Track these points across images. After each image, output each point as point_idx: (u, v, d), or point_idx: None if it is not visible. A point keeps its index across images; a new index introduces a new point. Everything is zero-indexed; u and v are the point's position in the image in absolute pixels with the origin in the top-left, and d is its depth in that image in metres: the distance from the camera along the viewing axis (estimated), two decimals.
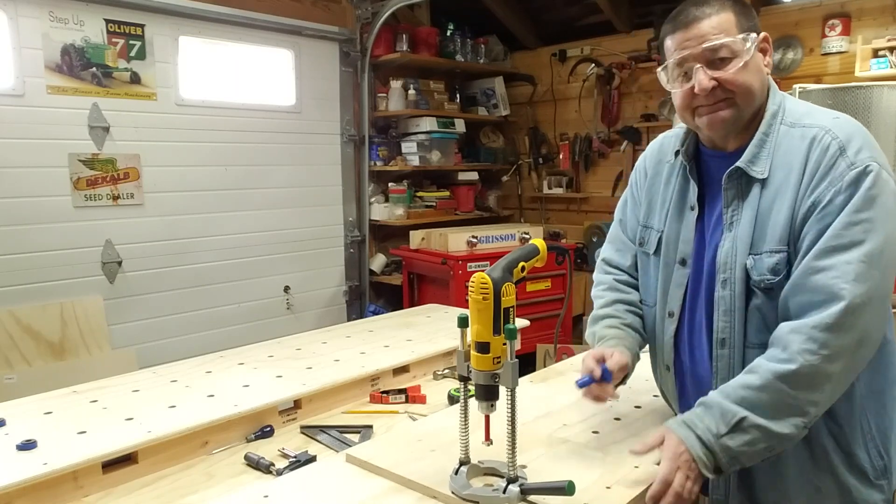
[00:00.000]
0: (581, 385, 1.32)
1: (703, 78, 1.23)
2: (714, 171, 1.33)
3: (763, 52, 1.29)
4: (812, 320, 1.11)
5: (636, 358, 1.44)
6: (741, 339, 1.25)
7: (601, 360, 1.34)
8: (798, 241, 1.18)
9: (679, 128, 1.47)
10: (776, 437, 1.13)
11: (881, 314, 1.15)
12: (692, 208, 1.35)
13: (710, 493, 1.29)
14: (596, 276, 1.61)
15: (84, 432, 1.47)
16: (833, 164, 1.15)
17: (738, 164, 1.25)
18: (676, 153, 1.40)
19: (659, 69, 1.34)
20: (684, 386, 1.40)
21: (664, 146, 1.49)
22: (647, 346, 1.51)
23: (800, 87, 3.24)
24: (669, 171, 1.43)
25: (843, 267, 1.10)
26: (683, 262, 1.35)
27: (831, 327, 1.09)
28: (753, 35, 1.24)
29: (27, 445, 1.39)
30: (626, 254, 1.55)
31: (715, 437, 1.14)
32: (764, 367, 1.14)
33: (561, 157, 5.22)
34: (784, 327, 1.15)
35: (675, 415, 1.45)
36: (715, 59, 1.23)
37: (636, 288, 1.53)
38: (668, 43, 1.30)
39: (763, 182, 1.23)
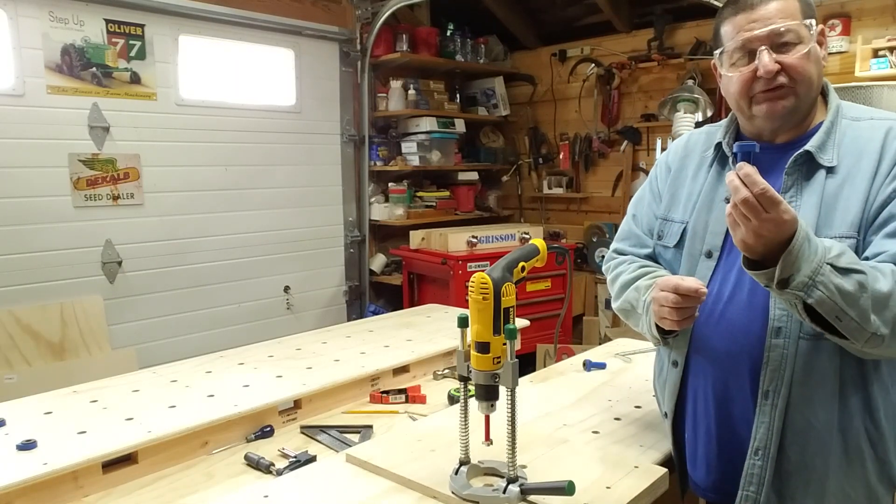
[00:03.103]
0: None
1: (767, 60, 1.21)
2: (761, 163, 1.28)
3: (819, 44, 1.27)
4: None
5: None
6: (797, 329, 1.19)
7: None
8: (871, 224, 1.17)
9: (708, 126, 1.46)
10: (859, 314, 1.06)
11: None
12: (728, 199, 1.28)
13: (741, 488, 1.25)
14: (608, 267, 1.55)
15: (84, 432, 1.47)
16: None
17: (807, 147, 1.23)
18: (717, 146, 1.37)
19: (716, 52, 1.31)
20: (686, 383, 1.36)
21: (689, 143, 1.48)
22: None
23: None
24: (698, 164, 1.42)
25: None
26: (710, 255, 1.32)
27: None
28: (815, 23, 1.23)
29: (27, 445, 1.39)
30: (642, 247, 1.50)
31: (823, 259, 1.06)
32: (891, 267, 1.10)
33: (561, 157, 5.22)
34: None
35: (665, 416, 1.41)
36: (779, 44, 1.22)
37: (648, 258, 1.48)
38: (728, 27, 1.27)
39: (829, 170, 1.22)
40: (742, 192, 1.04)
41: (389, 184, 4.96)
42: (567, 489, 1.11)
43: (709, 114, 4.08)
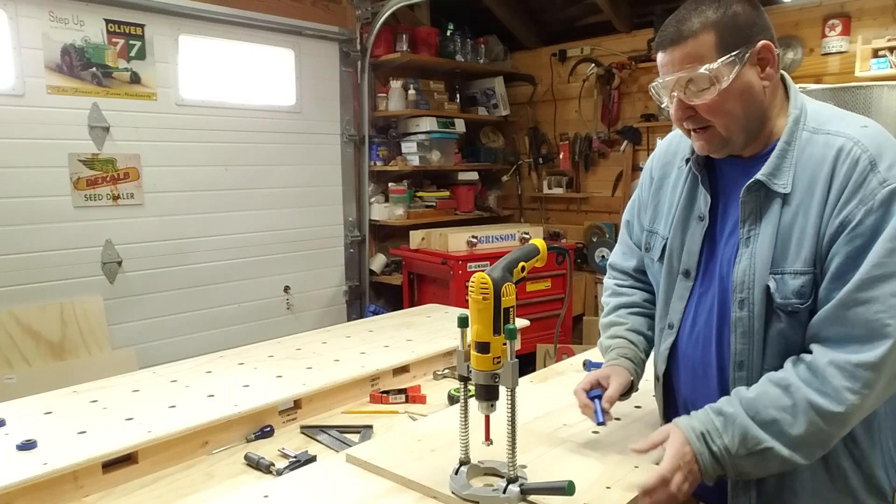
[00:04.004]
0: (600, 423, 1.33)
1: (675, 109, 1.20)
2: (728, 178, 1.27)
3: (763, 62, 1.17)
4: (856, 358, 1.06)
5: (640, 367, 1.44)
6: (759, 363, 1.19)
7: (596, 387, 1.36)
8: (824, 261, 1.11)
9: None
10: (793, 463, 1.11)
11: None
12: (700, 219, 1.29)
13: None
14: (605, 281, 1.62)
15: (84, 432, 1.47)
16: (863, 180, 1.08)
17: (757, 177, 1.17)
18: (687, 160, 1.34)
19: (651, 85, 1.28)
20: (670, 399, 1.37)
21: (671, 146, 1.44)
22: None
23: (800, 88, 3.24)
24: (677, 175, 1.38)
25: (889, 300, 1.05)
26: (687, 274, 1.30)
27: (875, 367, 1.05)
28: (741, 52, 1.14)
29: (27, 445, 1.39)
30: (631, 257, 1.53)
31: (731, 456, 1.12)
32: (801, 392, 1.09)
33: (561, 157, 5.22)
34: (821, 356, 1.10)
35: (662, 419, 1.43)
36: (689, 87, 1.17)
37: (640, 288, 1.51)
38: (658, 58, 1.23)
39: (785, 196, 1.15)
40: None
41: (389, 184, 4.96)
42: (567, 489, 1.11)
43: None
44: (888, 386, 1.09)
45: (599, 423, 1.31)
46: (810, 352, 1.13)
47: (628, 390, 1.39)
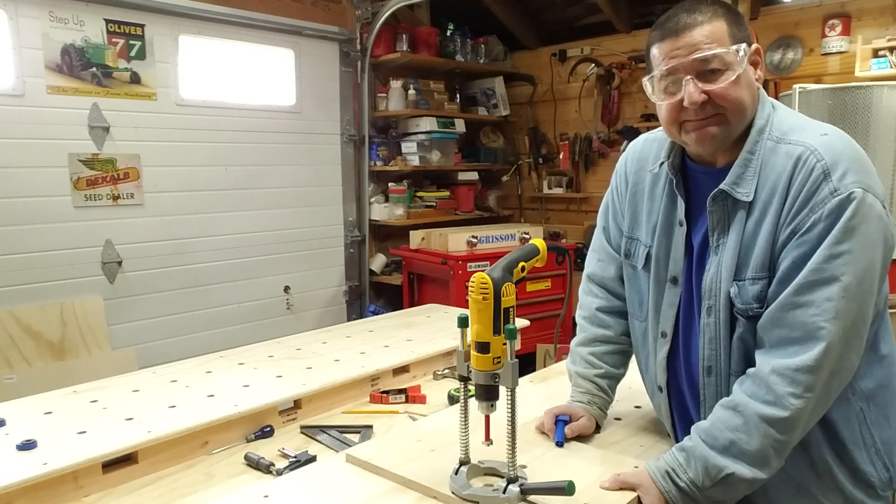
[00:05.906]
0: (559, 443, 1.38)
1: (693, 91, 1.16)
2: (703, 187, 1.27)
3: (754, 64, 1.22)
4: (793, 362, 1.09)
5: (604, 417, 1.49)
6: (726, 368, 1.22)
7: (566, 414, 1.42)
8: (777, 266, 1.15)
9: (661, 132, 1.39)
10: (759, 482, 1.14)
11: (857, 345, 1.13)
12: (680, 224, 1.30)
13: None
14: (581, 294, 1.58)
15: (84, 432, 1.47)
16: (816, 189, 1.10)
17: (721, 186, 1.20)
18: (662, 164, 1.34)
19: (644, 79, 1.26)
20: (685, 408, 1.36)
21: (644, 151, 1.42)
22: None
23: (800, 88, 3.24)
24: (653, 180, 1.37)
25: (824, 304, 1.08)
26: (675, 281, 1.31)
27: (813, 369, 1.08)
28: (745, 46, 1.18)
29: (27, 445, 1.39)
30: (610, 265, 1.51)
31: (699, 490, 1.15)
32: (750, 408, 1.12)
33: (561, 157, 5.22)
34: (763, 365, 1.13)
35: (672, 428, 1.42)
36: (706, 71, 1.16)
37: (619, 311, 1.50)
38: (655, 51, 1.22)
39: (749, 205, 1.18)
40: None
41: (389, 184, 4.95)
42: (567, 489, 1.11)
43: None
44: (829, 386, 1.12)
45: (558, 443, 1.37)
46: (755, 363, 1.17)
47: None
